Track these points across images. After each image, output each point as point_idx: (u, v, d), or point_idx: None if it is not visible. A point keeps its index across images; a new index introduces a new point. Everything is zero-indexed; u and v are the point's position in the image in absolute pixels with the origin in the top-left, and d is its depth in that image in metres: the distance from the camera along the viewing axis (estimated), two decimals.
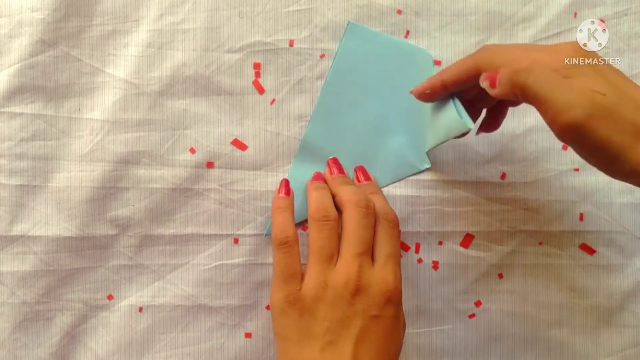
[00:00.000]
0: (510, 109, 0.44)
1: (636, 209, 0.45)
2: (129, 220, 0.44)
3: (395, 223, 0.40)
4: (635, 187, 0.45)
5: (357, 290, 0.37)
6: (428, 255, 0.45)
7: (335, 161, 0.44)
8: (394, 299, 0.38)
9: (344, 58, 0.44)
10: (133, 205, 0.44)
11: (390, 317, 0.38)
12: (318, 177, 0.44)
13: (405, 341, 0.45)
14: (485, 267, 0.45)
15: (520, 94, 0.33)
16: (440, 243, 0.45)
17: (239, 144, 0.44)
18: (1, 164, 0.43)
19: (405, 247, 0.45)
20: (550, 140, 0.45)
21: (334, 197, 0.41)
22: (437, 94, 0.40)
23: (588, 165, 0.45)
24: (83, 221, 0.43)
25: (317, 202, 0.40)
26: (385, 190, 0.45)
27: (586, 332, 0.45)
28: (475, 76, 0.36)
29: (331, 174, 0.43)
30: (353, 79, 0.44)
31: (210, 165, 0.44)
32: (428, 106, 0.42)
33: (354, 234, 0.38)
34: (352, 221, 0.39)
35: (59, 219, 0.43)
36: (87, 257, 0.44)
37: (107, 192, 0.44)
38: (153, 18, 0.44)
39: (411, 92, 0.41)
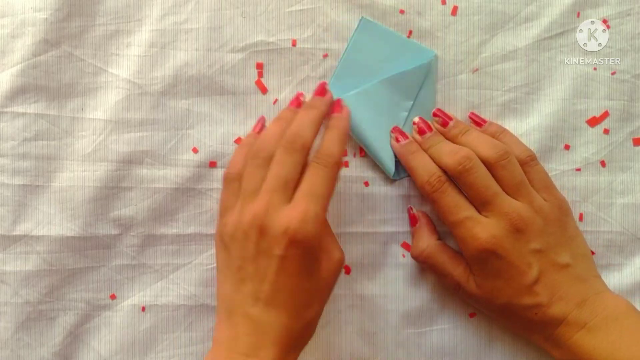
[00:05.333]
0: (512, 109, 0.45)
1: (637, 210, 0.45)
2: (132, 220, 0.44)
3: (329, 163, 0.38)
4: (637, 188, 0.45)
5: (261, 228, 0.36)
6: None
7: (323, 85, 0.43)
8: (297, 241, 0.36)
9: (355, 52, 0.44)
10: (136, 205, 0.44)
11: (295, 257, 0.36)
12: (296, 99, 0.43)
13: (407, 340, 0.45)
14: None
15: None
16: None
17: None
18: (4, 163, 0.43)
19: (407, 247, 0.45)
20: (552, 140, 0.45)
21: None
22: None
23: (590, 165, 0.45)
24: (86, 221, 0.43)
25: (262, 137, 0.40)
26: (386, 189, 0.45)
27: None
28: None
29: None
30: (361, 74, 0.44)
31: (213, 165, 0.44)
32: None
33: (272, 170, 0.38)
34: (275, 158, 0.38)
35: (62, 219, 0.43)
36: (90, 256, 0.44)
37: (109, 191, 0.44)
38: (156, 18, 0.44)
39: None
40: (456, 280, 0.42)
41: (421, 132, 0.43)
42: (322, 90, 0.42)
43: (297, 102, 0.42)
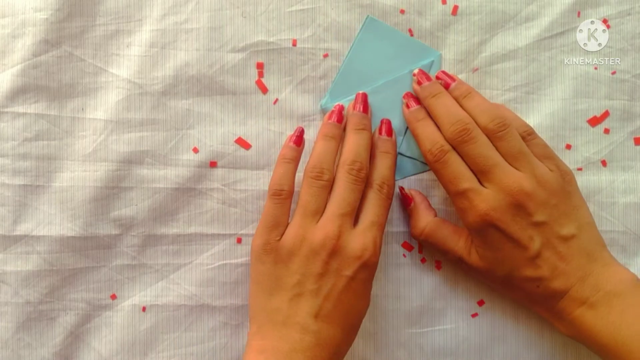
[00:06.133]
0: (512, 108, 0.45)
1: (639, 209, 0.45)
2: (132, 220, 0.44)
3: (388, 195, 0.41)
4: (639, 187, 0.45)
5: (334, 250, 0.39)
6: (431, 255, 0.45)
7: (364, 98, 0.43)
8: (369, 265, 0.39)
9: (360, 51, 0.44)
10: (136, 205, 0.44)
11: (362, 279, 0.39)
12: (338, 113, 0.43)
13: (408, 341, 0.45)
14: None
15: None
16: None
17: (242, 143, 0.44)
18: (5, 163, 0.43)
19: (408, 247, 0.45)
20: (553, 139, 0.45)
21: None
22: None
23: (591, 165, 0.45)
24: (86, 221, 0.43)
25: (317, 157, 0.41)
26: None
27: None
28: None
29: (353, 109, 0.43)
30: (366, 73, 0.44)
31: (213, 164, 0.44)
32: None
33: (339, 195, 0.40)
34: (341, 183, 0.40)
35: (63, 219, 0.43)
36: (90, 256, 0.44)
37: (110, 191, 0.44)
38: (156, 18, 0.44)
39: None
40: (458, 254, 0.42)
41: (420, 84, 0.43)
42: (365, 107, 0.43)
43: (339, 116, 0.43)
